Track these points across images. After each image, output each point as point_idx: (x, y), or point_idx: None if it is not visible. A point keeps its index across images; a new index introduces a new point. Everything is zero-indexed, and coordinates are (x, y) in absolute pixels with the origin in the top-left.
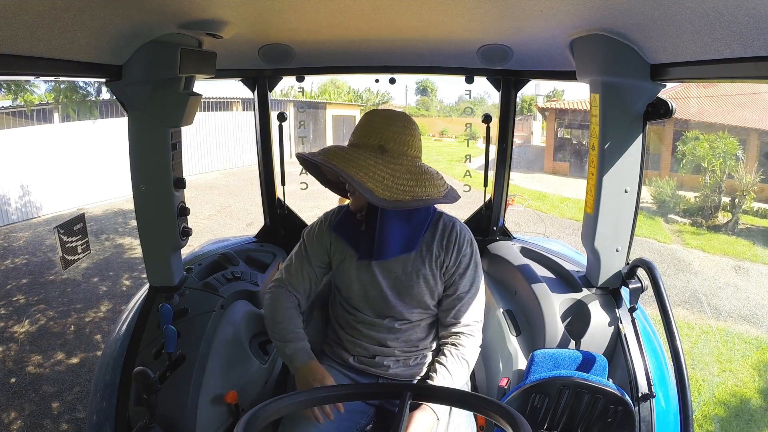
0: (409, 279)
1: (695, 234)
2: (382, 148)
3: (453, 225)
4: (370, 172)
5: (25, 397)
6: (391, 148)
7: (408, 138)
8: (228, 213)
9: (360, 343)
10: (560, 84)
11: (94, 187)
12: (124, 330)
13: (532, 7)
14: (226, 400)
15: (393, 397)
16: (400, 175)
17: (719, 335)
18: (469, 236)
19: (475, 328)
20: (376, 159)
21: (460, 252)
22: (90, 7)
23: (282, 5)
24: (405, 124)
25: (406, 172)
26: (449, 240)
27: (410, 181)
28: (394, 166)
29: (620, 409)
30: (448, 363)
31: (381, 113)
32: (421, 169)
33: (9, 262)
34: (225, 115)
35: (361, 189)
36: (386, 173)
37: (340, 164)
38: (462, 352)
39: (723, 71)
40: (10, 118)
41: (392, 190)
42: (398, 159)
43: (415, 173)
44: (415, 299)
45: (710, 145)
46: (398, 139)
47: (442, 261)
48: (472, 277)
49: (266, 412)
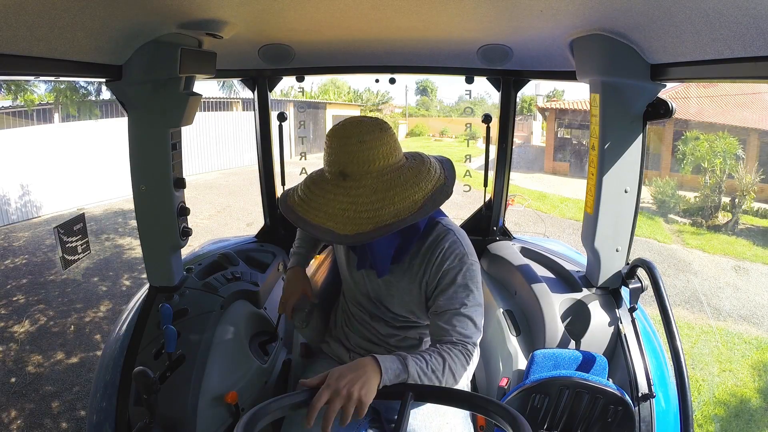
0: (388, 290)
1: (695, 234)
2: (343, 174)
3: (443, 238)
4: (329, 209)
5: (26, 396)
6: (351, 171)
7: (368, 153)
8: (228, 213)
9: (357, 341)
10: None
11: (94, 187)
12: (124, 330)
13: (532, 7)
14: (226, 400)
15: (394, 397)
16: (363, 200)
17: (719, 335)
18: (459, 251)
19: (465, 345)
20: (337, 190)
21: (443, 265)
22: (90, 7)
23: (282, 5)
24: (361, 138)
25: (371, 193)
26: (432, 253)
27: (377, 202)
28: (357, 191)
29: (620, 409)
30: (423, 353)
31: (336, 133)
32: (389, 183)
33: (9, 262)
34: (225, 115)
35: (318, 232)
36: (347, 203)
37: (299, 209)
38: (441, 350)
39: (723, 71)
40: (10, 118)
41: (355, 222)
42: (360, 181)
43: (382, 190)
44: (396, 306)
45: (710, 145)
46: (357, 159)
47: (422, 274)
48: (458, 291)
49: (266, 411)
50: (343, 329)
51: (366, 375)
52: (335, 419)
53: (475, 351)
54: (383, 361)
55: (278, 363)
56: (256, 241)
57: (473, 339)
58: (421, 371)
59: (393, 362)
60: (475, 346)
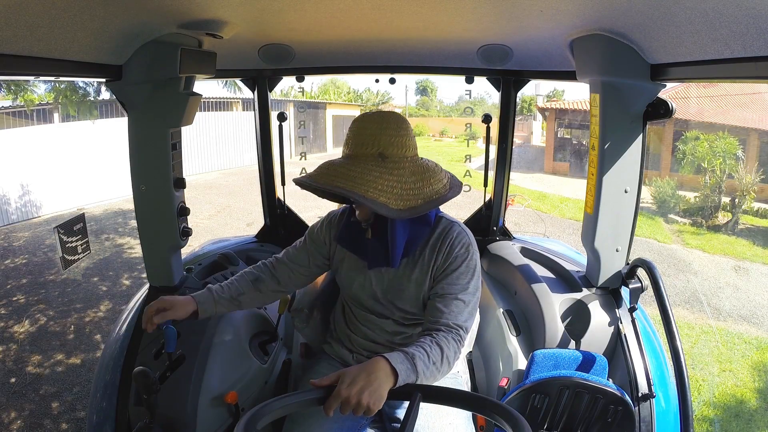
0: (399, 282)
1: (695, 234)
2: (382, 156)
3: (450, 228)
4: (378, 185)
5: (25, 396)
6: (391, 154)
7: (404, 139)
8: (228, 213)
9: (360, 341)
10: (560, 84)
11: (94, 187)
12: (124, 330)
13: (532, 7)
14: (226, 400)
15: (403, 397)
16: (406, 179)
17: (719, 335)
18: (465, 241)
19: (458, 332)
20: (380, 169)
21: (452, 253)
22: (90, 7)
23: (282, 5)
24: (399, 125)
25: (410, 174)
26: (443, 242)
27: (417, 182)
28: (399, 171)
29: (620, 409)
30: (424, 344)
31: (373, 117)
32: (423, 167)
33: (9, 262)
34: (225, 115)
35: (375, 206)
36: (393, 181)
37: (347, 184)
38: (438, 339)
39: (723, 71)
40: (10, 118)
41: (403, 198)
42: (400, 163)
43: (419, 173)
44: (407, 302)
45: (710, 145)
46: (396, 143)
47: (433, 262)
48: (461, 277)
49: (266, 411)
50: (345, 331)
51: (378, 381)
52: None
53: (466, 337)
54: (395, 363)
55: (278, 363)
56: (256, 241)
57: (465, 325)
58: (425, 367)
59: (403, 363)
60: (466, 332)
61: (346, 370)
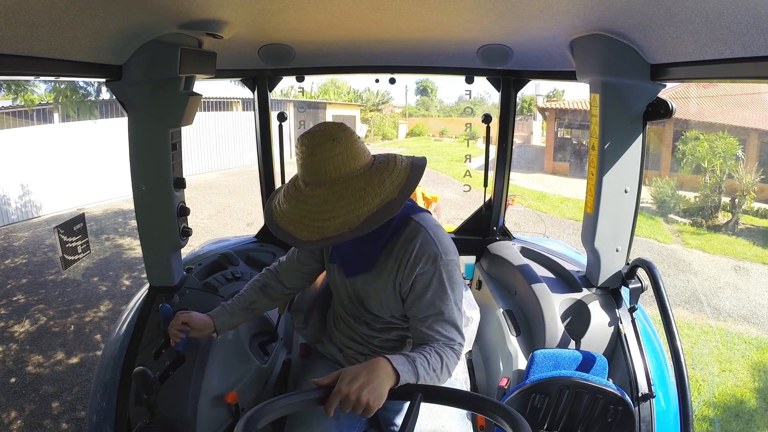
0: (366, 292)
1: (695, 234)
2: (304, 182)
3: (414, 236)
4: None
5: (25, 396)
6: (308, 181)
7: (319, 165)
8: (228, 213)
9: (344, 341)
10: (560, 84)
11: (94, 187)
12: (124, 330)
13: (532, 7)
14: (226, 400)
15: (403, 397)
16: (315, 209)
17: (719, 335)
18: (431, 252)
19: (453, 345)
20: (299, 195)
21: (415, 269)
22: (90, 7)
23: (282, 5)
24: (313, 151)
25: (321, 203)
26: (404, 254)
27: (324, 213)
28: (312, 200)
29: (620, 409)
30: (424, 351)
31: (298, 142)
32: (339, 194)
33: (9, 262)
34: (225, 115)
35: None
36: (304, 210)
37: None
38: (437, 348)
39: (723, 71)
40: (10, 118)
41: (307, 228)
42: (315, 190)
43: (331, 201)
44: (375, 308)
45: (710, 145)
46: (311, 170)
47: (394, 276)
48: (435, 297)
49: (266, 411)
50: (333, 329)
51: (378, 379)
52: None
53: (464, 342)
54: (396, 364)
55: (278, 363)
56: (256, 241)
57: (458, 340)
58: (425, 372)
59: (404, 364)
60: (461, 345)
61: (347, 368)
